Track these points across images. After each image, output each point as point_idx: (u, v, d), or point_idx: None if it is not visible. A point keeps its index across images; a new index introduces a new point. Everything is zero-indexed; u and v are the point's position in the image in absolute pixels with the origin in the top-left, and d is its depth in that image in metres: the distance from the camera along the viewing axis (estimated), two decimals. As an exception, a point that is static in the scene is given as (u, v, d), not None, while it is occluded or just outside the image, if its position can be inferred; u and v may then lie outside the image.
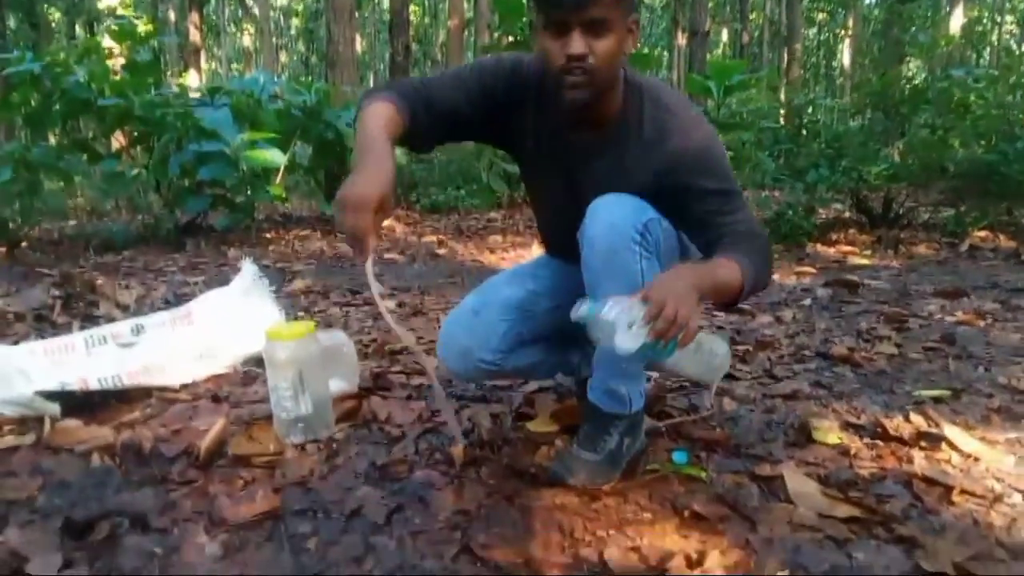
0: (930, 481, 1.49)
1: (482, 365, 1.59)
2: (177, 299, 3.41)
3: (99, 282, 3.51)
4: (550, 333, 1.68)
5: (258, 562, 1.23)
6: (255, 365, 2.27)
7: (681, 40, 20.89)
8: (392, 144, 1.36)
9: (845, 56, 25.29)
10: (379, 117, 1.38)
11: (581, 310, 1.25)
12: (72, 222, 6.93)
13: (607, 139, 1.49)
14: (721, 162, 1.46)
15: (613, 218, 1.37)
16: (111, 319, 2.94)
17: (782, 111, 6.95)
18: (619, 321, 1.19)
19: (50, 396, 1.85)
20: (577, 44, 1.31)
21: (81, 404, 1.91)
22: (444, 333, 1.64)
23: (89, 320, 2.95)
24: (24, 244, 5.41)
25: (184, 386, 2.12)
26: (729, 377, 2.21)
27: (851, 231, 5.76)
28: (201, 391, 2.11)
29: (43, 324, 2.88)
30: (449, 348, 1.63)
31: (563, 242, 1.56)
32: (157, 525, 1.33)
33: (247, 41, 34.56)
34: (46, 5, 19.95)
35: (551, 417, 1.82)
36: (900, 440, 1.70)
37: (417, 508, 1.41)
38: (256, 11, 25.02)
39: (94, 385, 1.95)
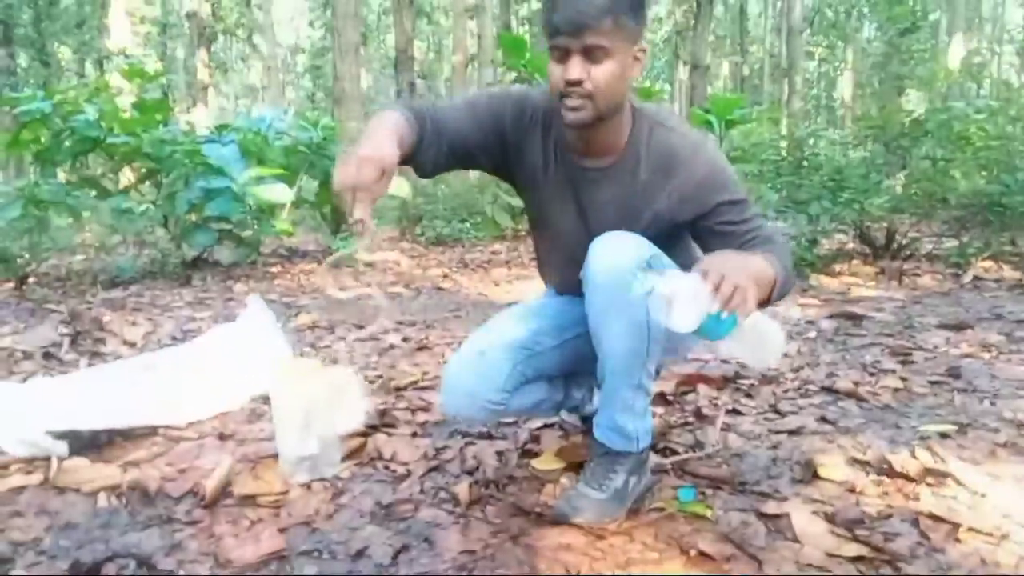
0: (937, 519, 1.49)
1: (488, 406, 1.58)
2: (184, 335, 3.43)
3: (106, 319, 3.54)
4: (554, 371, 1.68)
5: (264, 604, 1.23)
6: (262, 402, 2.28)
7: (682, 74, 21.15)
8: (399, 138, 1.35)
9: (846, 88, 25.52)
10: (390, 120, 1.39)
11: (637, 286, 1.25)
12: (80, 257, 6.98)
13: (617, 165, 1.52)
14: (730, 174, 1.51)
15: (615, 257, 1.39)
16: (118, 356, 2.96)
17: (783, 143, 7.00)
18: (677, 296, 1.19)
19: (58, 435, 1.86)
20: (574, 70, 1.36)
21: (88, 442, 1.92)
22: (448, 376, 1.62)
23: (97, 357, 2.97)
24: (32, 280, 5.45)
25: (190, 424, 2.13)
26: (734, 412, 2.22)
27: (854, 262, 5.76)
28: (207, 429, 2.11)
29: (51, 362, 2.89)
30: (454, 391, 1.61)
31: (571, 275, 1.55)
32: (163, 567, 1.34)
33: (254, 77, 35.04)
34: (57, 44, 20.31)
35: (556, 454, 1.82)
36: (906, 476, 1.69)
37: (423, 548, 1.41)
38: (263, 48, 25.41)
39: (101, 423, 1.96)
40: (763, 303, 1.37)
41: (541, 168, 1.58)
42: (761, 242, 1.45)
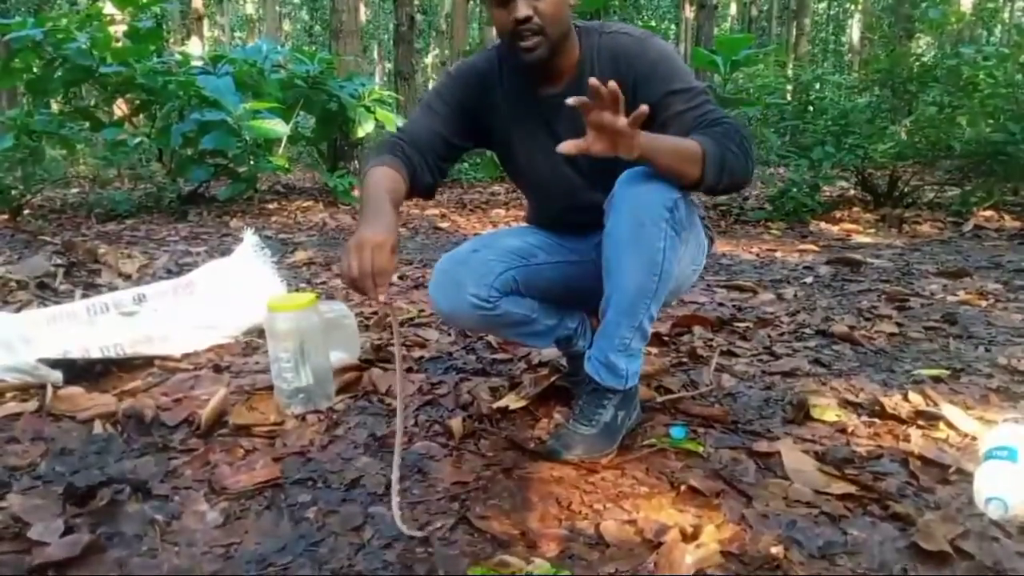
0: (926, 460, 1.50)
1: (473, 300, 1.54)
2: (179, 269, 3.42)
3: (101, 251, 3.52)
4: (545, 293, 1.67)
5: (257, 530, 1.24)
6: (256, 335, 2.28)
7: (689, 13, 20.65)
8: (394, 201, 1.40)
9: (854, 32, 25.00)
10: (379, 180, 1.44)
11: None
12: (75, 190, 6.92)
13: (573, 85, 1.52)
14: (679, 66, 1.50)
15: (645, 192, 1.39)
16: (113, 288, 2.95)
17: (789, 87, 6.88)
18: None
19: (52, 364, 1.86)
20: (521, 8, 1.39)
21: (83, 372, 1.92)
22: (438, 269, 1.60)
23: (91, 288, 2.96)
24: (26, 212, 5.41)
25: (185, 355, 2.13)
26: (729, 353, 2.22)
27: (855, 209, 5.73)
28: (202, 361, 2.12)
29: (45, 292, 2.89)
30: (441, 283, 1.58)
31: (571, 215, 1.63)
32: (158, 492, 1.35)
33: (250, 9, 34.23)
34: (47, -30, 19.72)
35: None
36: (898, 419, 1.70)
37: (416, 479, 1.43)
38: (259, -21, 24.76)
39: (96, 353, 1.97)
40: (695, 187, 1.39)
41: (509, 117, 1.62)
42: (707, 125, 1.41)
